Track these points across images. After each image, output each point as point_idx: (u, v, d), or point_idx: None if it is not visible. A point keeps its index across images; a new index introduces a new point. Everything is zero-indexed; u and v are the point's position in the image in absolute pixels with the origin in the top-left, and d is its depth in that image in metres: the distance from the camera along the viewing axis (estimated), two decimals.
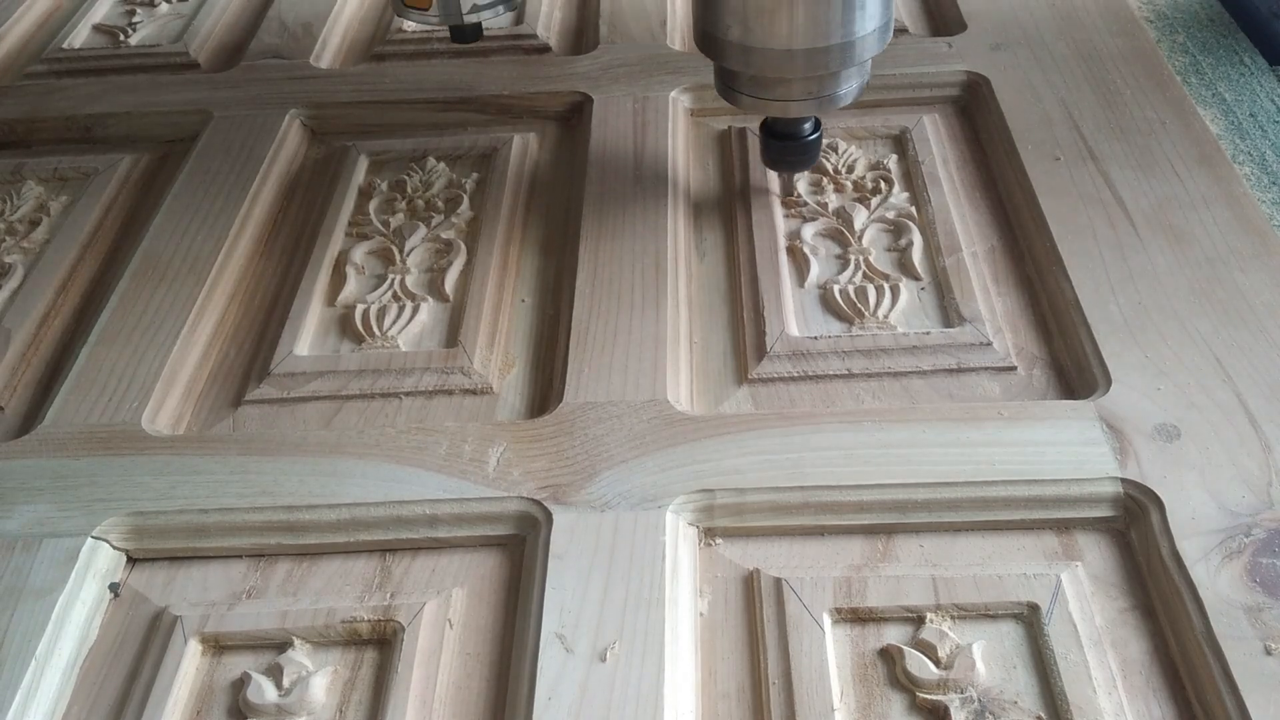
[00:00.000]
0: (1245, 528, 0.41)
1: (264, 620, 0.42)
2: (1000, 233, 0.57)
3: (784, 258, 0.56)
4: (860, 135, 0.64)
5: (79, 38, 0.78)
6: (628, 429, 0.47)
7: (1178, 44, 0.69)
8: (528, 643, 0.40)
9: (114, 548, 0.45)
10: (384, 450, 0.47)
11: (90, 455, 0.48)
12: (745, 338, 0.52)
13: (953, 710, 0.38)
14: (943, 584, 0.41)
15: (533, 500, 0.44)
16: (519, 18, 0.75)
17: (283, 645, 0.41)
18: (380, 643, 0.42)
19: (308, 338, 0.54)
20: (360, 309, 0.55)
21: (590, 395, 0.49)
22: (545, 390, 0.51)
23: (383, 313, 0.55)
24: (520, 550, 0.44)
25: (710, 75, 0.56)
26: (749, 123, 0.64)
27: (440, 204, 0.62)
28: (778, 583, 0.42)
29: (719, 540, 0.44)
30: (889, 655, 0.40)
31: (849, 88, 0.52)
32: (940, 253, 0.55)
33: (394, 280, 0.57)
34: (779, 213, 0.59)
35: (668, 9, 0.74)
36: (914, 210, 0.58)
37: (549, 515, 0.44)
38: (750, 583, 0.42)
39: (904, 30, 0.71)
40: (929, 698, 0.38)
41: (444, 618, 0.42)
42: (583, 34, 0.75)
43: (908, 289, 0.54)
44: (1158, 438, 0.45)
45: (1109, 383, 0.47)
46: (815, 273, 0.55)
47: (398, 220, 0.60)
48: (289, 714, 0.39)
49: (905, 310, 0.53)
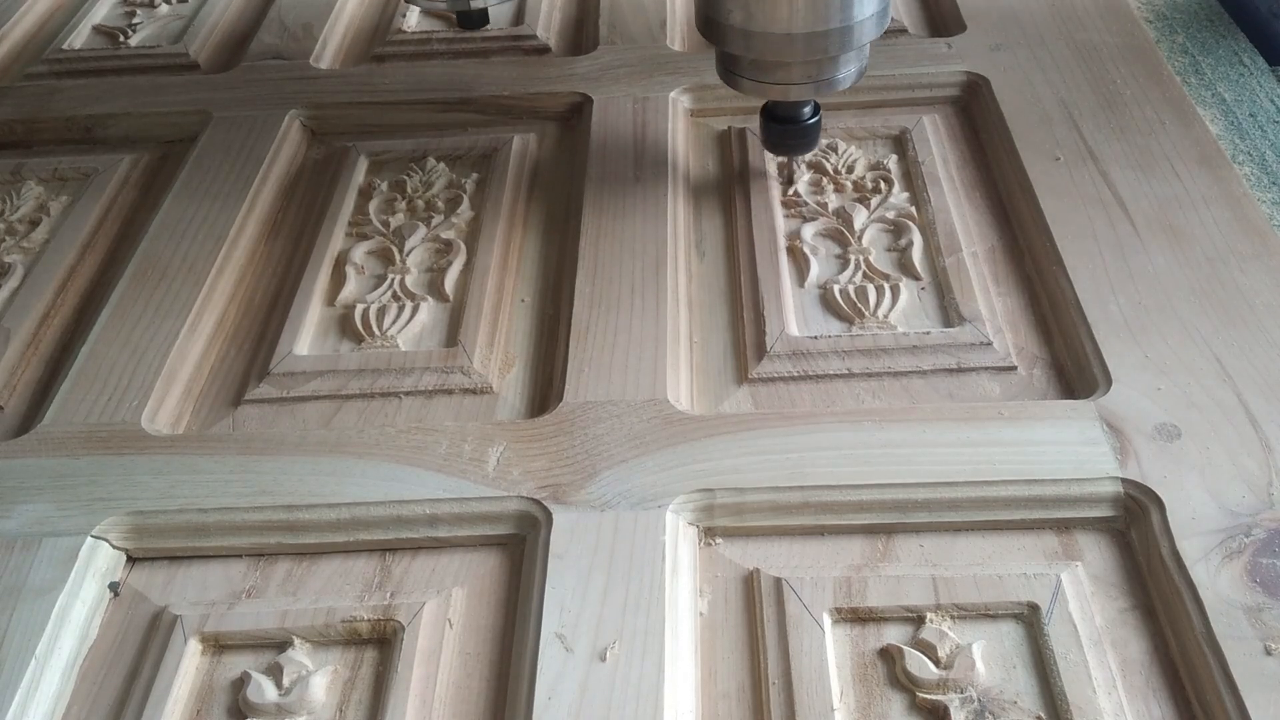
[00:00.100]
0: (1245, 528, 0.41)
1: (264, 620, 0.42)
2: (1000, 233, 0.57)
3: (784, 257, 0.56)
4: (860, 135, 0.64)
5: (79, 38, 0.78)
6: (627, 428, 0.47)
7: (1177, 44, 0.69)
8: (527, 642, 0.40)
9: (114, 547, 0.45)
10: (384, 450, 0.47)
11: (90, 454, 0.48)
12: (745, 337, 0.52)
13: (952, 710, 0.38)
14: (943, 584, 0.41)
15: (533, 500, 0.44)
16: (519, 17, 0.75)
17: (283, 644, 0.41)
18: (380, 642, 0.42)
19: (307, 337, 0.54)
20: (360, 309, 0.55)
21: (590, 395, 0.49)
22: (545, 390, 0.51)
23: (382, 312, 0.55)
24: (520, 550, 0.44)
25: (710, 75, 0.56)
26: (749, 123, 0.64)
27: (440, 204, 0.62)
28: (778, 582, 0.42)
29: (719, 540, 0.44)
30: (889, 655, 0.40)
31: (847, 72, 0.53)
32: (940, 253, 0.55)
33: (394, 280, 0.57)
34: (779, 212, 0.59)
35: (668, 9, 0.74)
36: (914, 210, 0.58)
37: (549, 515, 0.44)
38: (750, 582, 0.42)
39: (904, 30, 0.71)
40: (929, 698, 0.38)
41: (444, 617, 0.42)
42: (583, 34, 0.75)
43: (908, 289, 0.54)
44: (1158, 438, 0.45)
45: (1109, 382, 0.47)
46: (815, 272, 0.55)
47: (398, 220, 0.60)
48: (289, 713, 0.39)
49: (905, 310, 0.53)
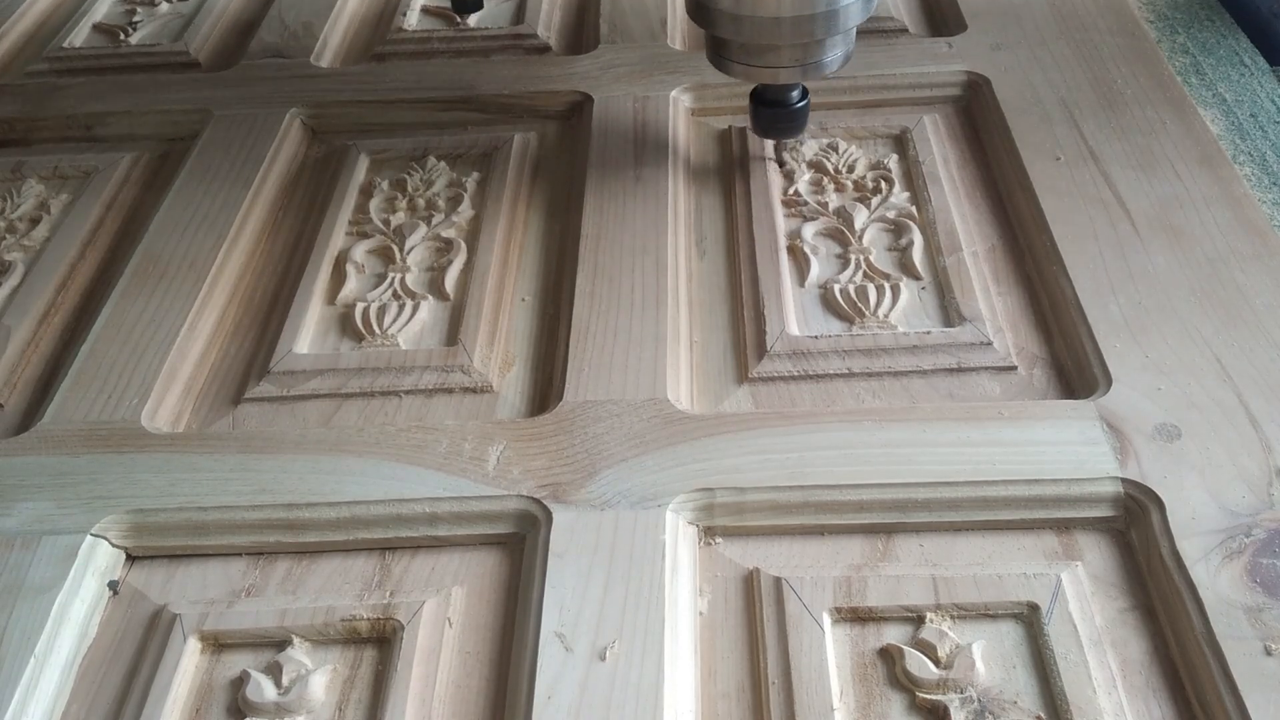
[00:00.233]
0: (1245, 528, 0.41)
1: (263, 618, 0.42)
2: (1000, 232, 0.57)
3: (784, 257, 0.56)
4: (860, 135, 0.64)
5: (80, 36, 0.78)
6: (628, 428, 0.47)
7: (1178, 44, 0.69)
8: (527, 641, 0.40)
9: (113, 545, 0.45)
10: (384, 448, 0.47)
11: (90, 453, 0.48)
12: (745, 337, 0.52)
13: (952, 710, 0.38)
14: (943, 584, 0.41)
15: (532, 499, 0.44)
16: (519, 16, 0.75)
17: (282, 643, 0.41)
18: (380, 641, 0.42)
19: (308, 336, 0.54)
20: (360, 307, 0.55)
21: (590, 394, 0.49)
22: (545, 389, 0.51)
23: (383, 311, 0.55)
24: (520, 549, 0.44)
25: (711, 74, 0.56)
26: (748, 123, 0.64)
27: (441, 203, 0.62)
28: (777, 582, 0.42)
29: (719, 539, 0.44)
30: (889, 655, 0.40)
31: (834, 55, 0.54)
32: (940, 252, 0.55)
33: (394, 279, 0.57)
34: (779, 212, 0.59)
35: (668, 9, 0.74)
36: (914, 210, 0.58)
37: (549, 514, 0.44)
38: (750, 582, 0.42)
39: (904, 30, 0.71)
40: (929, 697, 0.38)
41: (443, 616, 0.42)
42: (583, 34, 0.75)
43: (908, 288, 0.54)
44: (1158, 438, 0.45)
45: (1109, 382, 0.47)
46: (816, 272, 0.55)
47: (398, 219, 0.60)
48: (288, 712, 0.39)
49: (905, 310, 0.53)
